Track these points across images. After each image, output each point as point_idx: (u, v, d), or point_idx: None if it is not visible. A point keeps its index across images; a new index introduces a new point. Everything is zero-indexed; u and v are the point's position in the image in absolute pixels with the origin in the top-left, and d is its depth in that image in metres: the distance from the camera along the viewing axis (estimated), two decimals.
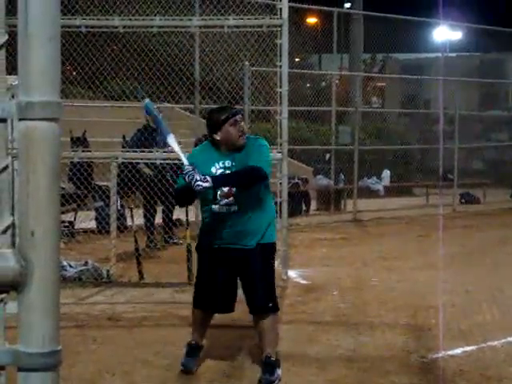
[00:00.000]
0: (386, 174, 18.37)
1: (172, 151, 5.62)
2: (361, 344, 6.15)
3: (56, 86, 1.63)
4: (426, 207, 16.14)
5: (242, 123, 5.22)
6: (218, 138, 5.14)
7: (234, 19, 8.12)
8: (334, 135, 16.29)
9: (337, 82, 17.28)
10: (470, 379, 5.38)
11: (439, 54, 19.16)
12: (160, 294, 7.83)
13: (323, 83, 20.19)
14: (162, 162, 9.08)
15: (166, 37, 13.09)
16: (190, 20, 8.78)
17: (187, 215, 8.73)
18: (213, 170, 5.16)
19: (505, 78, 21.23)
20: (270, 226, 5.34)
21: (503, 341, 6.25)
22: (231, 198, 5.19)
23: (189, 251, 8.21)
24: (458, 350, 6.01)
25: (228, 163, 5.18)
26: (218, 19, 8.68)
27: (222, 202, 5.21)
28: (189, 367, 5.44)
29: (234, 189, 5.17)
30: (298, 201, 14.66)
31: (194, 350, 5.50)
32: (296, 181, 15.14)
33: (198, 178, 4.85)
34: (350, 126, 16.75)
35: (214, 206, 5.24)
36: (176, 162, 9.91)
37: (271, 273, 5.39)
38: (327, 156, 16.97)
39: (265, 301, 5.28)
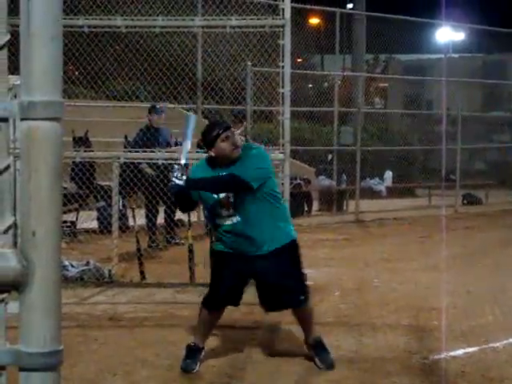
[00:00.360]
0: (389, 174, 18.35)
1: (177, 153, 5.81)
2: (362, 345, 6.14)
3: (58, 86, 1.63)
4: (428, 208, 16.13)
5: (235, 136, 5.40)
6: (213, 153, 5.32)
7: (237, 19, 8.12)
8: (336, 136, 16.28)
9: (339, 82, 17.25)
10: (472, 380, 5.37)
11: (442, 55, 19.15)
12: (162, 295, 7.83)
13: (325, 84, 20.18)
14: (164, 162, 9.07)
15: (168, 37, 13.09)
16: (193, 20, 8.77)
17: (189, 215, 8.73)
18: None
19: (507, 79, 21.19)
20: (280, 228, 5.43)
21: (505, 342, 6.24)
22: (231, 210, 5.30)
23: (190, 251, 8.21)
24: (460, 351, 6.00)
25: (237, 168, 5.29)
26: (221, 19, 8.67)
27: (223, 214, 5.33)
28: (188, 370, 5.45)
29: (231, 199, 5.28)
30: (299, 201, 14.64)
31: (194, 352, 5.51)
32: (298, 181, 15.13)
33: (175, 175, 5.13)
34: (353, 126, 16.74)
35: (217, 219, 5.38)
36: (178, 162, 9.94)
37: (297, 267, 5.52)
38: (329, 157, 16.96)
39: (295, 298, 5.47)
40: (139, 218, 9.41)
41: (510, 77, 21.42)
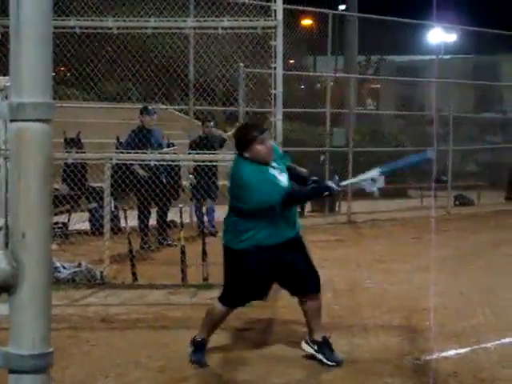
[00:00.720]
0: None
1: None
2: (355, 346, 6.15)
3: (47, 87, 1.63)
4: (420, 209, 16.13)
5: (269, 140, 5.54)
6: (247, 155, 5.41)
7: (229, 21, 8.11)
8: (328, 137, 16.27)
9: (331, 83, 17.25)
10: (464, 381, 5.39)
11: (434, 56, 19.18)
12: (154, 296, 7.82)
13: (318, 85, 20.18)
14: (156, 163, 9.06)
15: (160, 38, 13.08)
16: (185, 21, 8.76)
17: (181, 217, 8.72)
18: (278, 176, 5.46)
19: (499, 81, 21.24)
20: None
21: (497, 342, 6.26)
22: None
23: (183, 253, 8.21)
24: (452, 352, 6.02)
25: (277, 165, 5.52)
26: (213, 21, 8.65)
27: None
28: (203, 362, 5.56)
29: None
30: None
31: (202, 347, 5.63)
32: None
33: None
34: (345, 127, 16.74)
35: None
36: (170, 163, 9.94)
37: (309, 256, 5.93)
38: (322, 158, 16.94)
39: (317, 282, 5.74)
40: (131, 220, 9.40)
41: (501, 78, 21.47)
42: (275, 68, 8.01)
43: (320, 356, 5.64)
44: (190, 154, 10.43)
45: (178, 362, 5.64)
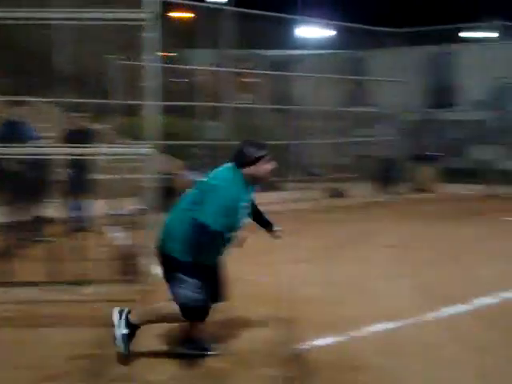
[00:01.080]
0: None
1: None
2: (234, 338, 6.19)
3: None
4: (294, 202, 16.37)
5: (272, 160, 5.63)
6: (249, 172, 5.52)
7: (95, 12, 7.93)
8: (204, 130, 16.29)
9: (207, 77, 17.27)
10: (339, 369, 5.51)
11: (306, 51, 19.50)
12: (26, 294, 7.60)
13: (195, 78, 20.15)
14: (29, 157, 8.80)
15: (33, 29, 12.71)
16: (49, 12, 8.48)
17: (53, 213, 8.52)
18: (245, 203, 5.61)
19: (369, 75, 21.82)
20: None
21: (370, 331, 6.43)
22: None
23: (54, 249, 8.03)
24: (327, 341, 6.14)
25: (251, 195, 5.74)
26: (78, 12, 8.39)
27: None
28: (127, 348, 5.50)
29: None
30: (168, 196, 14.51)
31: (134, 332, 5.52)
32: (169, 176, 15.03)
33: None
34: (222, 121, 16.81)
35: (234, 233, 5.78)
36: (43, 157, 9.69)
37: None
38: (197, 151, 16.95)
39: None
40: (2, 216, 9.13)
41: (371, 72, 22.07)
42: (147, 60, 7.92)
43: (196, 351, 5.68)
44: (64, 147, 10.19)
45: (49, 360, 5.55)
